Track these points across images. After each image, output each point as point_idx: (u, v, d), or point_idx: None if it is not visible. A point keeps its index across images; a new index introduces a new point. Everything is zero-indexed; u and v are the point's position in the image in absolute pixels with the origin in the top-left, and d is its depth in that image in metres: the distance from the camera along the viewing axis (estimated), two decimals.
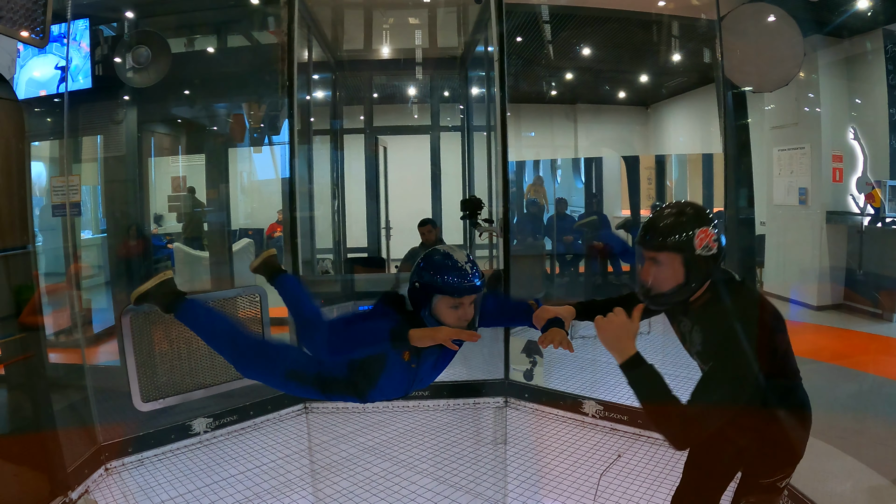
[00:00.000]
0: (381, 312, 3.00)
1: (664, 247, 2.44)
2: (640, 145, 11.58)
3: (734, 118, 7.67)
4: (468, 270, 2.83)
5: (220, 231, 8.01)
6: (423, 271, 2.87)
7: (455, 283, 2.83)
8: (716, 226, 2.46)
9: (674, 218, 2.47)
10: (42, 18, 3.50)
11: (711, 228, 2.43)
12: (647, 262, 2.51)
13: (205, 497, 4.29)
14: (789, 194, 8.34)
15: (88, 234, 7.87)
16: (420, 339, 2.80)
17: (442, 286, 2.84)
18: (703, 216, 2.45)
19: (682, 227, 2.42)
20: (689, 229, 2.41)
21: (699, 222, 2.42)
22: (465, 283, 2.82)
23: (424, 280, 2.86)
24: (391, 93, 10.45)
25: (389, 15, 8.51)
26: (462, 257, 2.87)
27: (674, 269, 2.44)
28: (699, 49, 7.82)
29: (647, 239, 2.49)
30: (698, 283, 2.47)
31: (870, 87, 8.08)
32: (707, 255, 2.42)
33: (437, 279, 2.85)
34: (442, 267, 2.87)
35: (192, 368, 5.09)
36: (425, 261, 2.90)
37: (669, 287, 2.48)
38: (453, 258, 2.86)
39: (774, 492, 2.61)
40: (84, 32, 6.00)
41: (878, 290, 7.56)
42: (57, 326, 5.86)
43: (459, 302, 2.84)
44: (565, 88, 10.67)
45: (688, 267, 2.43)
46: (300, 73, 6.12)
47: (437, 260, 2.88)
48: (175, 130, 8.74)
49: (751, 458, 2.63)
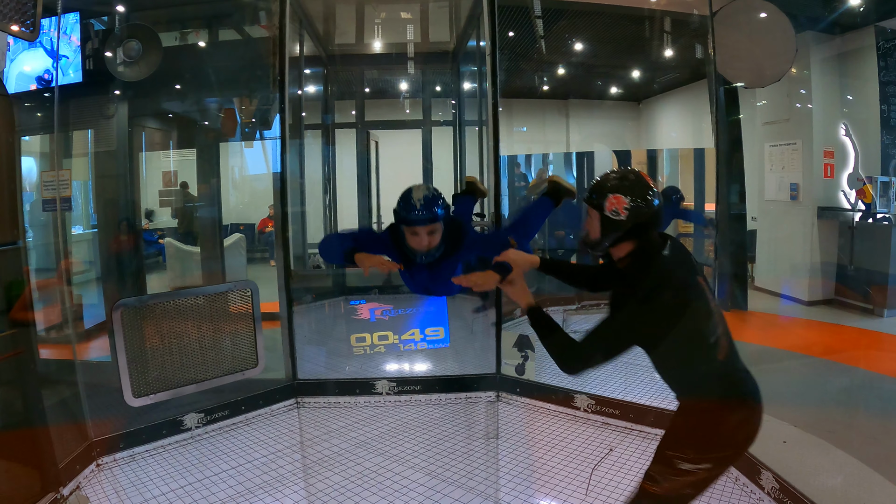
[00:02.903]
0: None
1: (587, 201, 2.69)
2: (632, 140, 11.60)
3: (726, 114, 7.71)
4: (418, 204, 3.41)
5: (212, 226, 7.99)
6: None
7: (404, 214, 3.46)
8: (640, 198, 2.58)
9: (603, 180, 2.69)
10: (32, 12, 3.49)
11: (629, 198, 2.57)
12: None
13: (197, 492, 4.28)
14: (781, 190, 8.36)
15: (79, 229, 7.84)
16: (358, 261, 3.61)
17: (397, 216, 3.51)
18: (628, 185, 2.61)
19: (602, 190, 2.63)
20: (606, 193, 2.61)
21: (618, 189, 2.59)
22: (412, 215, 3.43)
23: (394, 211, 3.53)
24: (383, 87, 10.45)
25: (381, 9, 8.51)
26: (419, 193, 3.46)
27: (593, 224, 2.67)
28: (691, 45, 7.83)
29: (586, 192, 2.74)
30: (609, 241, 2.66)
31: (861, 84, 8.10)
32: (615, 219, 2.59)
33: (395, 210, 3.51)
34: (400, 200, 3.51)
35: (183, 364, 5.08)
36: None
37: (591, 239, 2.72)
38: (410, 193, 3.48)
39: (684, 475, 2.58)
40: (74, 26, 5.97)
41: (869, 286, 7.59)
42: (48, 322, 5.84)
43: (414, 230, 3.47)
44: (557, 83, 10.68)
45: (602, 225, 2.63)
46: (292, 67, 6.10)
47: (401, 194, 3.50)
48: (166, 125, 8.70)
49: (668, 433, 2.76)
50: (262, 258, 10.84)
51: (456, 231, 3.68)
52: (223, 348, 5.29)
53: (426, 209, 3.43)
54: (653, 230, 2.65)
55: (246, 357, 5.41)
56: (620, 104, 11.67)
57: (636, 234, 2.61)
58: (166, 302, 5.10)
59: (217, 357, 5.26)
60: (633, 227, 2.59)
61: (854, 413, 5.02)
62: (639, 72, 10.67)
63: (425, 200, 3.44)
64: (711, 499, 4.05)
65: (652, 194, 2.60)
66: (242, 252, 9.02)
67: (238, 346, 5.38)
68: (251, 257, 10.33)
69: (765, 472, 3.97)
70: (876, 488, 3.64)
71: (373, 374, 6.04)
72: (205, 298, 5.26)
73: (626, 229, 2.59)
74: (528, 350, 5.81)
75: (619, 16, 8.27)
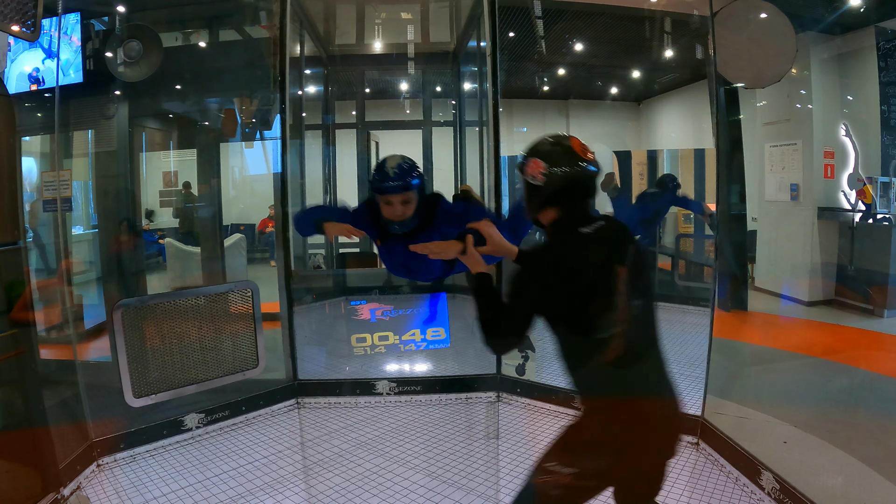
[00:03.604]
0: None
1: (518, 165, 2.58)
2: (633, 141, 11.60)
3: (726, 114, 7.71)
4: (392, 172, 3.43)
5: (212, 226, 7.99)
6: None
7: (378, 182, 3.47)
8: (560, 165, 2.44)
9: (532, 144, 2.57)
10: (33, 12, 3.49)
11: (547, 163, 2.45)
12: None
13: (197, 493, 4.28)
14: (781, 190, 8.36)
15: (79, 229, 7.84)
16: (326, 229, 3.60)
17: (372, 185, 3.52)
18: (550, 151, 2.49)
19: (526, 154, 2.53)
20: (528, 157, 2.51)
21: (538, 154, 2.49)
22: (386, 183, 3.43)
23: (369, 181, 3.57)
24: (383, 88, 10.45)
25: (381, 10, 8.51)
26: (394, 161, 3.48)
27: (523, 187, 2.57)
28: (692, 45, 7.82)
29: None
30: (532, 207, 2.56)
31: (862, 84, 8.10)
32: (532, 184, 2.49)
33: (370, 180, 3.54)
34: (375, 169, 3.53)
35: (184, 364, 5.09)
36: None
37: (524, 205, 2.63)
38: (385, 162, 3.50)
39: (550, 473, 2.41)
40: (75, 26, 5.97)
41: (869, 286, 7.59)
42: (48, 322, 5.84)
43: (387, 199, 3.47)
44: (558, 84, 10.69)
45: (524, 190, 2.56)
46: (292, 67, 6.11)
47: (377, 164, 3.53)
48: (166, 125, 8.70)
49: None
50: (263, 258, 10.84)
51: (432, 204, 3.68)
52: (224, 349, 5.29)
53: (400, 178, 3.43)
54: (579, 202, 2.48)
55: (246, 357, 5.41)
56: (621, 104, 11.68)
57: (556, 201, 2.47)
58: (167, 302, 5.10)
59: (217, 357, 5.26)
60: (552, 194, 2.45)
61: (854, 413, 5.01)
62: (639, 72, 10.68)
63: (399, 169, 3.45)
64: (712, 499, 4.05)
65: (576, 163, 2.44)
66: (243, 252, 9.01)
67: (238, 346, 5.38)
68: (251, 257, 10.33)
69: (765, 473, 3.97)
70: (876, 488, 3.64)
71: (373, 374, 6.05)
72: (205, 299, 5.26)
73: (545, 196, 2.47)
74: (529, 350, 5.82)
75: (620, 16, 8.27)
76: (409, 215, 3.54)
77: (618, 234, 2.48)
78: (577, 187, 2.46)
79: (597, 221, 2.44)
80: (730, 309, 7.85)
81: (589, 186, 2.50)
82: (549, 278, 2.32)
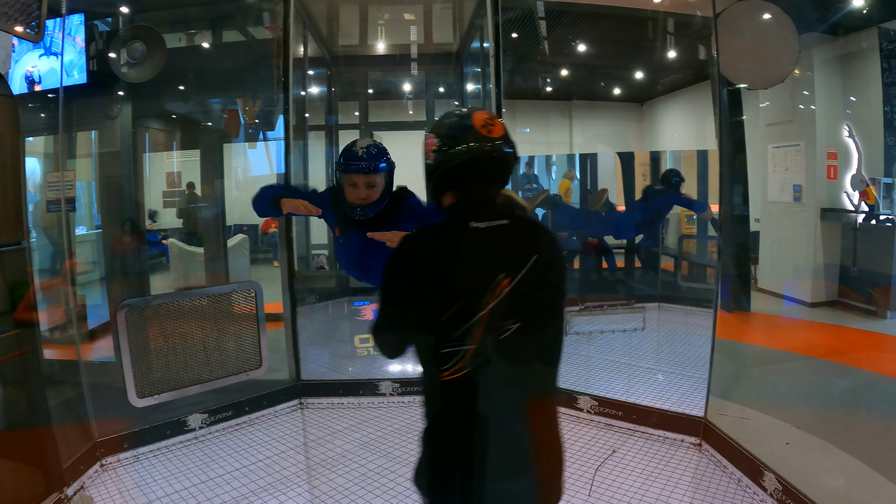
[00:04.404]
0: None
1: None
2: (635, 142, 11.60)
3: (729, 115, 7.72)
4: (360, 152, 3.37)
5: (215, 227, 8.00)
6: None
7: (344, 161, 3.39)
8: (450, 142, 1.98)
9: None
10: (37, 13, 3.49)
11: (440, 142, 2.00)
12: None
13: (201, 493, 4.29)
14: (784, 191, 8.35)
15: (83, 230, 7.85)
16: (282, 205, 3.51)
17: (338, 165, 3.43)
18: (445, 125, 2.05)
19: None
20: (427, 132, 2.08)
21: (433, 128, 2.06)
22: (352, 163, 3.35)
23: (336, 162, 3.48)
24: (386, 88, 10.45)
25: (385, 10, 8.51)
26: (364, 142, 3.44)
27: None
28: (694, 46, 7.83)
29: None
30: (427, 190, 2.11)
31: (864, 85, 8.10)
32: (426, 162, 2.06)
33: (337, 161, 3.46)
34: (343, 149, 3.45)
35: (187, 364, 5.09)
36: None
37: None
38: (354, 143, 3.44)
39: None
40: (79, 27, 5.98)
41: (872, 287, 7.59)
42: (52, 322, 5.85)
43: (352, 180, 3.38)
44: (560, 85, 10.68)
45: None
46: (295, 68, 6.12)
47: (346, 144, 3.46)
48: (170, 126, 8.72)
49: None
50: (266, 259, 10.85)
51: (400, 198, 3.56)
52: (227, 349, 5.30)
53: (368, 159, 3.35)
54: (477, 187, 2.01)
55: (249, 358, 5.41)
56: (623, 105, 11.68)
57: (447, 185, 2.03)
58: (170, 303, 5.11)
59: (221, 358, 5.26)
60: (442, 175, 2.00)
61: (857, 414, 5.02)
62: (642, 73, 10.68)
63: (368, 150, 3.39)
64: (714, 500, 4.05)
65: (473, 140, 1.96)
66: (246, 253, 9.03)
67: (242, 346, 5.39)
68: (255, 258, 10.35)
69: (767, 474, 3.97)
70: (879, 489, 3.64)
71: (376, 374, 6.05)
72: (209, 299, 5.27)
73: (435, 178, 2.03)
74: None
75: (623, 17, 8.27)
76: (373, 199, 3.43)
77: (521, 242, 2.00)
78: (470, 169, 1.98)
79: (503, 219, 1.97)
80: (732, 310, 7.85)
81: (490, 170, 2.02)
82: (402, 269, 1.97)
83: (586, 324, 7.48)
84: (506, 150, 2.02)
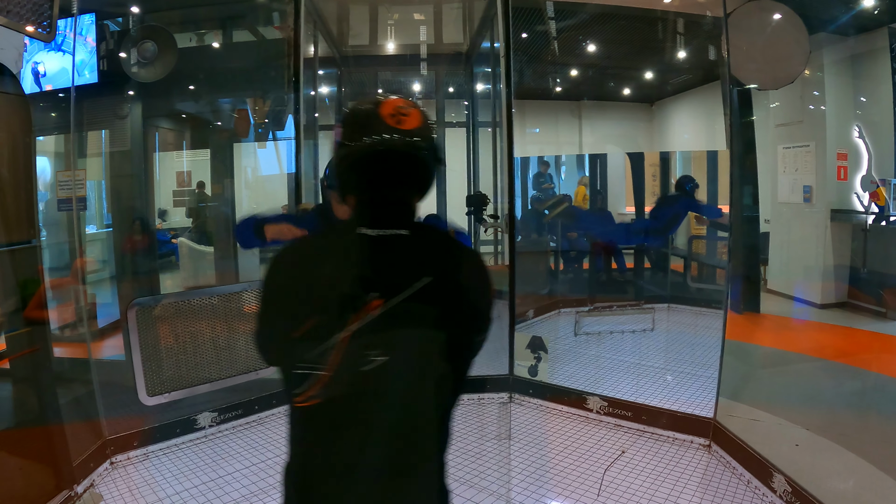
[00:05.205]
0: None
1: None
2: (645, 142, 11.59)
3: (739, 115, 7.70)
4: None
5: (225, 226, 8.02)
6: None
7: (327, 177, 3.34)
8: (356, 133, 1.64)
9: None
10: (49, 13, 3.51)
11: (343, 131, 1.68)
12: None
13: (210, 491, 4.30)
14: (794, 192, 8.33)
15: (93, 228, 7.89)
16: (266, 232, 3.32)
17: (322, 180, 3.42)
18: (352, 115, 1.71)
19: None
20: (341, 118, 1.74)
21: (343, 118, 1.72)
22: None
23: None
24: (396, 88, 10.44)
25: (395, 11, 8.52)
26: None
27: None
28: (705, 46, 7.83)
29: None
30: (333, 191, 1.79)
31: (875, 86, 8.06)
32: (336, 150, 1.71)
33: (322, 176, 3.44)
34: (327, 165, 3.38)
35: (198, 362, 5.11)
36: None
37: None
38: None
39: None
40: (90, 27, 6.01)
41: (883, 289, 7.56)
42: (62, 321, 5.88)
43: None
44: (570, 85, 10.68)
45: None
46: (306, 68, 6.14)
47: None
48: (180, 125, 8.75)
49: None
50: None
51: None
52: (237, 348, 5.31)
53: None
54: (379, 189, 1.68)
55: (259, 357, 5.42)
56: (633, 105, 11.68)
57: (348, 185, 1.72)
58: (181, 301, 5.13)
59: (231, 356, 5.28)
60: (340, 175, 1.72)
61: (866, 416, 5.00)
62: (652, 73, 10.67)
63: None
64: (724, 501, 4.05)
65: (378, 132, 1.61)
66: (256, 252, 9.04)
67: (251, 345, 5.39)
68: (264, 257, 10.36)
69: (777, 476, 3.96)
70: (888, 492, 3.62)
71: None
72: (219, 298, 5.28)
73: (338, 174, 1.74)
74: (542, 351, 5.82)
75: (633, 17, 8.27)
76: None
77: (416, 259, 1.68)
78: (368, 166, 1.65)
79: (402, 229, 1.67)
80: (742, 311, 7.83)
81: (396, 168, 1.67)
82: (271, 271, 1.73)
83: (596, 324, 7.48)
84: (419, 147, 1.66)
